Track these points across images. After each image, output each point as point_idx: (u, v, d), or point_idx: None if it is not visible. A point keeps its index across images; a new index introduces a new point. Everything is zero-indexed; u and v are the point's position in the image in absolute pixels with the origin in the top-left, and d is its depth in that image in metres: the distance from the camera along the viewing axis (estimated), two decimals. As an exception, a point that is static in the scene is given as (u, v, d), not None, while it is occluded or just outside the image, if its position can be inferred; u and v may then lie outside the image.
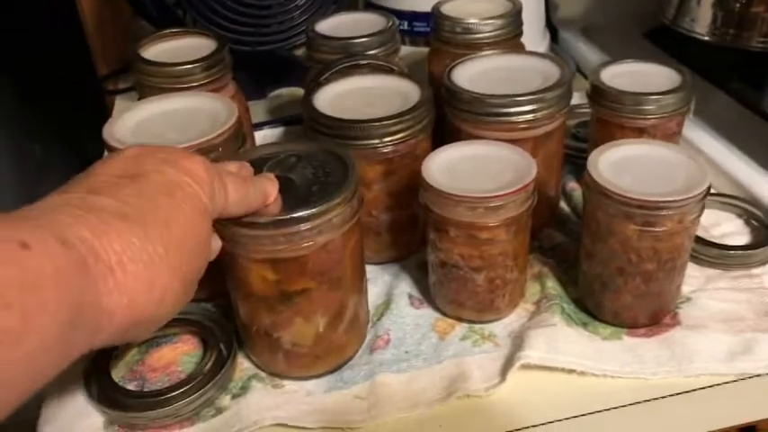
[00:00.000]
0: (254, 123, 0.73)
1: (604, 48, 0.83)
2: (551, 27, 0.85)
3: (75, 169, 0.39)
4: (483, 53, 0.57)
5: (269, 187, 0.40)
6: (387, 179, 0.52)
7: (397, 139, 0.50)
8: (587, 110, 0.63)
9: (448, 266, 0.48)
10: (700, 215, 0.44)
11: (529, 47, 0.63)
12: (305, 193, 0.42)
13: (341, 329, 0.46)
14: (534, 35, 0.77)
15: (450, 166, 0.47)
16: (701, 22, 0.72)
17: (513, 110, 0.50)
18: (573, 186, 0.61)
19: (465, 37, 0.59)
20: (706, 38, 0.71)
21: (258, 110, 0.79)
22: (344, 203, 0.42)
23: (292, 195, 0.42)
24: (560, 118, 0.53)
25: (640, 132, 0.55)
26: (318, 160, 0.45)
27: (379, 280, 0.54)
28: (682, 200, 0.42)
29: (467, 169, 0.47)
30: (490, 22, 0.59)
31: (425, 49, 0.73)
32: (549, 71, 0.54)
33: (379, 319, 0.50)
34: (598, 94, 0.55)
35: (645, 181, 0.44)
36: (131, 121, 0.51)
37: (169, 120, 0.51)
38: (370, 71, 0.56)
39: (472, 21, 0.59)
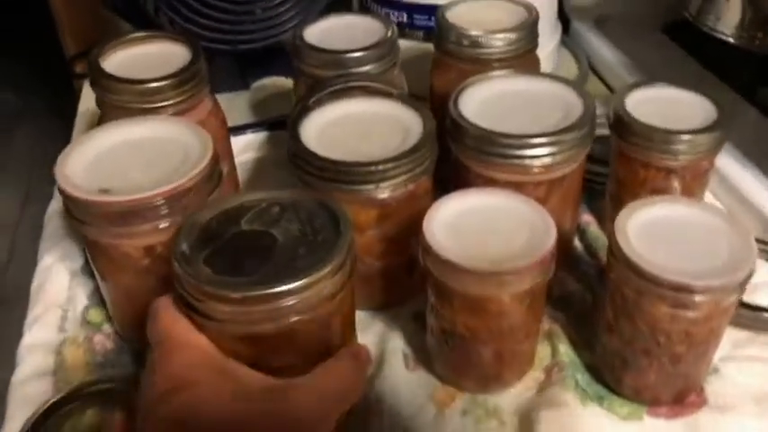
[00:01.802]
0: (235, 127, 0.66)
1: (619, 42, 0.76)
2: (563, 17, 0.78)
3: (51, 117, 0.35)
4: (494, 75, 0.50)
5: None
6: (382, 224, 0.46)
7: (395, 184, 0.44)
8: (605, 121, 0.57)
9: (449, 334, 0.42)
10: (742, 294, 0.38)
11: (540, 39, 0.56)
12: (289, 258, 0.36)
13: None
14: (545, 26, 0.70)
15: (454, 222, 0.41)
16: (727, 21, 0.65)
17: (528, 152, 0.44)
18: (587, 220, 0.56)
19: (472, 51, 0.53)
20: (731, 40, 0.64)
21: (240, 103, 0.72)
22: (336, 271, 0.35)
23: (274, 259, 0.36)
24: (581, 158, 0.46)
25: (668, 172, 0.49)
26: (306, 211, 0.38)
27: (369, 331, 0.48)
28: (723, 285, 0.36)
29: (474, 227, 0.40)
30: (502, 36, 0.52)
31: (426, 45, 0.66)
32: (570, 101, 0.48)
33: (370, 382, 0.45)
34: (622, 125, 0.49)
35: (680, 254, 0.38)
36: (88, 153, 0.44)
37: (133, 152, 0.44)
38: (366, 94, 0.49)
39: (481, 34, 0.52)
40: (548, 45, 0.72)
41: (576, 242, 0.54)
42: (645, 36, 0.76)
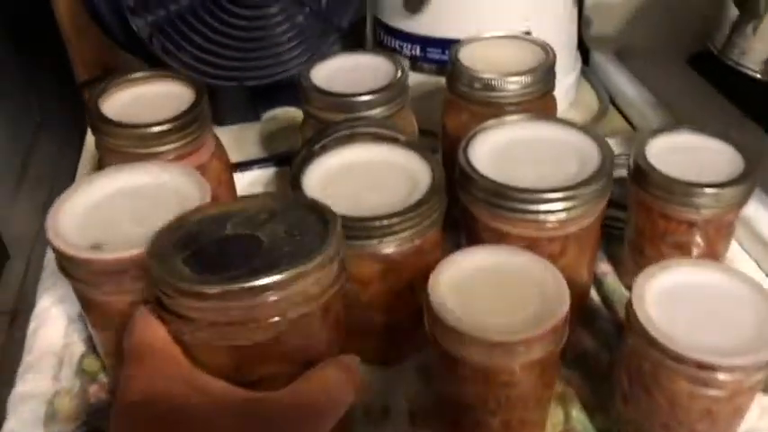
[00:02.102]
0: (242, 162, 0.64)
1: (641, 75, 0.73)
2: (583, 47, 0.75)
3: (72, 127, 0.34)
4: (507, 120, 0.48)
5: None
6: (386, 278, 0.44)
7: (401, 239, 0.42)
8: (623, 161, 0.55)
9: (455, 402, 0.40)
10: (768, 370, 0.36)
11: (559, 71, 0.53)
12: (274, 257, 0.33)
13: None
14: (565, 57, 0.68)
15: (462, 284, 0.38)
16: (754, 55, 0.62)
17: (542, 207, 0.42)
18: (604, 270, 0.53)
19: (485, 94, 0.50)
20: (758, 75, 0.61)
21: (250, 135, 0.71)
22: (322, 268, 0.33)
23: (258, 259, 0.33)
24: (598, 211, 0.44)
25: (690, 225, 0.46)
26: (295, 215, 0.36)
27: (371, 386, 0.46)
28: (750, 363, 0.34)
29: (483, 290, 0.38)
30: (516, 79, 0.50)
31: (439, 79, 0.64)
32: (586, 149, 0.45)
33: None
34: (641, 175, 0.46)
35: (703, 326, 0.36)
36: (81, 204, 0.42)
37: (127, 202, 0.42)
38: (373, 140, 0.47)
39: (494, 77, 0.50)
40: (567, 77, 0.69)
41: (593, 293, 0.52)
42: (668, 68, 0.73)
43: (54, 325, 0.52)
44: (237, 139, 0.69)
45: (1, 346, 1.69)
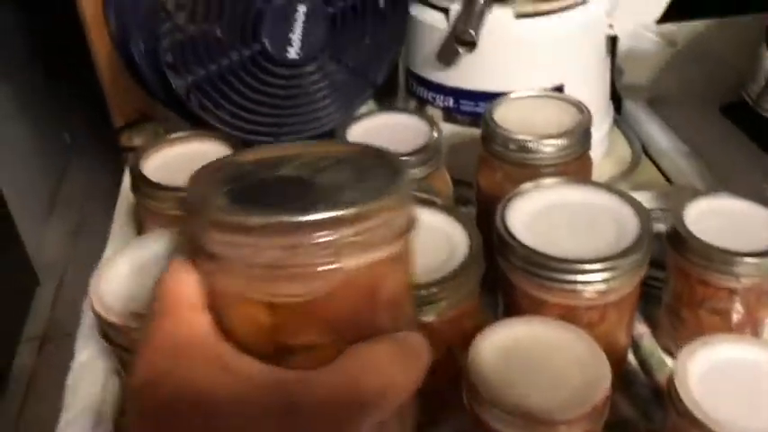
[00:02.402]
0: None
1: (674, 124, 0.73)
2: (615, 95, 0.75)
3: (102, 155, 0.35)
4: (543, 184, 0.48)
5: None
6: (424, 345, 0.44)
7: (440, 308, 0.42)
8: (659, 215, 0.54)
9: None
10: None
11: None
12: (330, 198, 0.28)
13: None
14: (598, 107, 0.68)
15: (501, 355, 0.38)
16: (791, 106, 0.62)
17: (580, 278, 0.42)
18: (641, 331, 0.53)
19: (520, 155, 0.50)
20: (794, 127, 0.61)
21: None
22: (389, 210, 0.27)
23: (311, 198, 0.28)
24: (637, 280, 0.44)
25: (730, 293, 0.46)
26: (359, 165, 0.31)
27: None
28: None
29: (522, 362, 0.38)
30: (552, 141, 0.50)
31: (472, 131, 0.65)
32: (624, 215, 0.45)
33: None
34: (679, 241, 0.46)
35: (749, 408, 0.35)
36: (125, 269, 0.43)
37: (163, 266, 0.43)
38: (410, 203, 0.47)
39: (529, 139, 0.50)
40: (600, 128, 0.69)
41: (629, 355, 0.51)
42: (701, 117, 0.73)
43: (92, 380, 0.52)
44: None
45: (31, 370, 1.71)
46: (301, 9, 0.53)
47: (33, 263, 1.90)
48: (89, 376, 0.53)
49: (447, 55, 0.64)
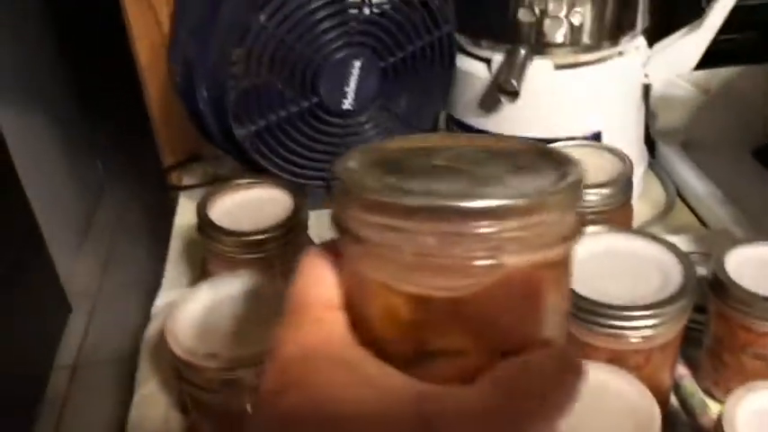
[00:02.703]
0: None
1: (707, 167, 0.75)
2: (649, 139, 0.78)
3: (135, 187, 0.36)
4: (588, 233, 0.50)
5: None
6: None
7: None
8: (697, 259, 0.56)
9: None
10: None
11: None
12: (494, 188, 0.25)
13: None
14: (632, 150, 0.70)
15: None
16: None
17: (627, 324, 0.44)
18: (682, 373, 0.54)
19: (566, 203, 0.53)
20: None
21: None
22: (559, 208, 0.24)
23: (472, 187, 0.25)
24: (681, 326, 0.46)
25: (771, 338, 0.48)
26: (524, 160, 0.28)
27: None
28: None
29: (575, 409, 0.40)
30: (596, 191, 0.52)
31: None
32: (667, 263, 0.47)
33: None
34: (720, 287, 0.48)
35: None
36: (196, 309, 0.46)
37: (234, 309, 0.46)
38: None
39: (576, 188, 0.52)
40: (635, 171, 0.71)
41: (672, 398, 0.53)
42: (734, 161, 0.75)
43: (154, 415, 0.55)
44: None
45: (63, 398, 1.73)
46: (356, 64, 0.56)
47: (65, 291, 1.94)
48: (151, 411, 0.55)
49: (488, 103, 0.67)
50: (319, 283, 0.26)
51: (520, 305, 0.24)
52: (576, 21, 0.63)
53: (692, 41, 0.65)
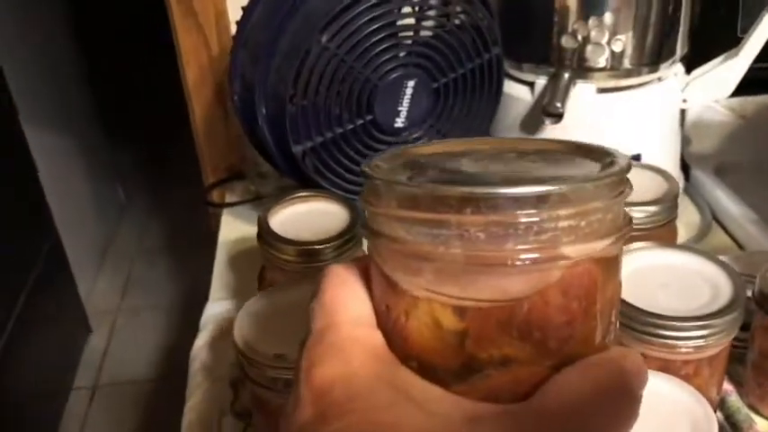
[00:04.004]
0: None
1: (741, 191, 0.77)
2: (683, 163, 0.80)
3: (154, 212, 0.36)
4: (637, 247, 0.52)
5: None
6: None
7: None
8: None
9: None
10: None
11: None
12: (524, 178, 0.24)
13: None
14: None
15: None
16: None
17: (679, 334, 0.45)
18: (727, 389, 0.56)
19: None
20: None
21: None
22: (610, 193, 0.22)
23: (513, 179, 0.24)
24: (731, 338, 0.47)
25: (817, 353, 0.49)
26: (558, 157, 0.26)
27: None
28: None
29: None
30: (643, 208, 0.54)
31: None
32: (716, 277, 0.49)
33: None
34: (766, 301, 0.50)
35: None
36: (262, 314, 0.48)
37: (298, 314, 0.47)
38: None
39: (624, 205, 0.54)
40: (672, 193, 0.74)
41: (717, 413, 0.54)
42: (767, 185, 0.77)
43: (206, 418, 0.56)
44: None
45: (82, 419, 1.74)
46: (410, 84, 0.59)
47: (86, 311, 1.96)
48: (204, 416, 0.57)
49: (531, 124, 0.69)
50: (349, 299, 0.25)
51: (576, 305, 0.22)
52: (617, 48, 0.66)
53: (729, 69, 0.67)
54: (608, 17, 0.64)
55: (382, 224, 0.23)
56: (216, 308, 0.69)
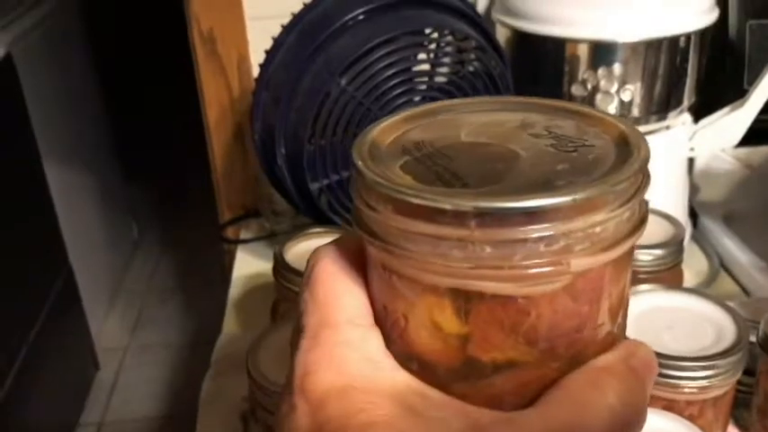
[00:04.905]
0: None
1: (749, 240, 0.78)
2: (692, 211, 0.81)
3: (166, 248, 0.36)
4: (643, 290, 0.53)
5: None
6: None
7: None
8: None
9: None
10: None
11: None
12: (541, 172, 0.22)
13: None
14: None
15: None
16: None
17: (684, 374, 0.46)
18: (732, 432, 0.56)
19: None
20: None
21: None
22: (625, 200, 0.21)
23: (515, 172, 0.22)
24: (734, 380, 0.48)
25: (821, 398, 0.50)
26: (571, 128, 0.25)
27: None
28: None
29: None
30: (649, 251, 0.55)
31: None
32: (720, 320, 0.50)
33: None
34: (771, 346, 0.51)
35: None
36: (275, 345, 0.49)
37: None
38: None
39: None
40: (679, 240, 0.75)
41: (722, 455, 0.55)
42: (775, 234, 0.78)
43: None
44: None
45: (86, 458, 1.74)
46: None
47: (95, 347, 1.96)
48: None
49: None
50: (344, 295, 0.23)
51: (587, 309, 0.21)
52: (625, 97, 0.68)
53: (736, 119, 0.69)
54: (617, 67, 0.66)
55: (376, 225, 0.21)
56: (228, 341, 0.70)
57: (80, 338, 1.87)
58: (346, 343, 0.22)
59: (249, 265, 0.81)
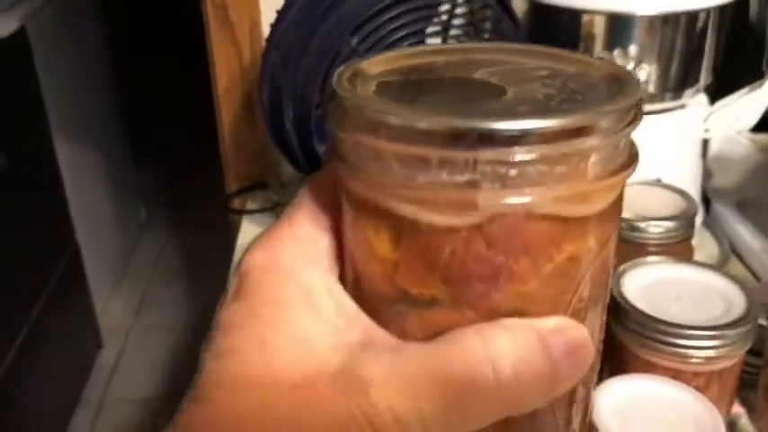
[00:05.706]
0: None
1: (761, 226, 0.77)
2: (704, 197, 0.80)
3: (174, 229, 0.35)
4: (652, 261, 0.52)
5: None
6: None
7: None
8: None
9: None
10: None
11: None
12: (531, 106, 0.21)
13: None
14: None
15: (622, 409, 0.42)
16: None
17: (692, 343, 0.45)
18: (737, 411, 0.55)
19: (630, 234, 0.55)
20: None
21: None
22: (611, 131, 0.20)
23: (504, 103, 0.21)
24: (742, 353, 0.47)
25: (831, 375, 0.48)
26: (578, 81, 0.23)
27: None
28: None
29: (643, 417, 0.41)
30: (659, 223, 0.54)
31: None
32: (730, 293, 0.49)
33: None
34: (782, 322, 0.50)
35: None
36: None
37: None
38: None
39: (640, 223, 0.54)
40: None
41: (726, 433, 0.54)
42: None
43: None
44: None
45: (84, 436, 1.74)
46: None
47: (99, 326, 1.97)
48: None
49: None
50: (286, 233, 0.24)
51: (500, 258, 0.20)
52: (641, 75, 0.67)
53: (753, 101, 0.68)
54: (634, 42, 0.65)
55: (338, 142, 0.22)
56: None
57: (84, 317, 1.87)
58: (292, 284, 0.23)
59: (254, 235, 0.80)
